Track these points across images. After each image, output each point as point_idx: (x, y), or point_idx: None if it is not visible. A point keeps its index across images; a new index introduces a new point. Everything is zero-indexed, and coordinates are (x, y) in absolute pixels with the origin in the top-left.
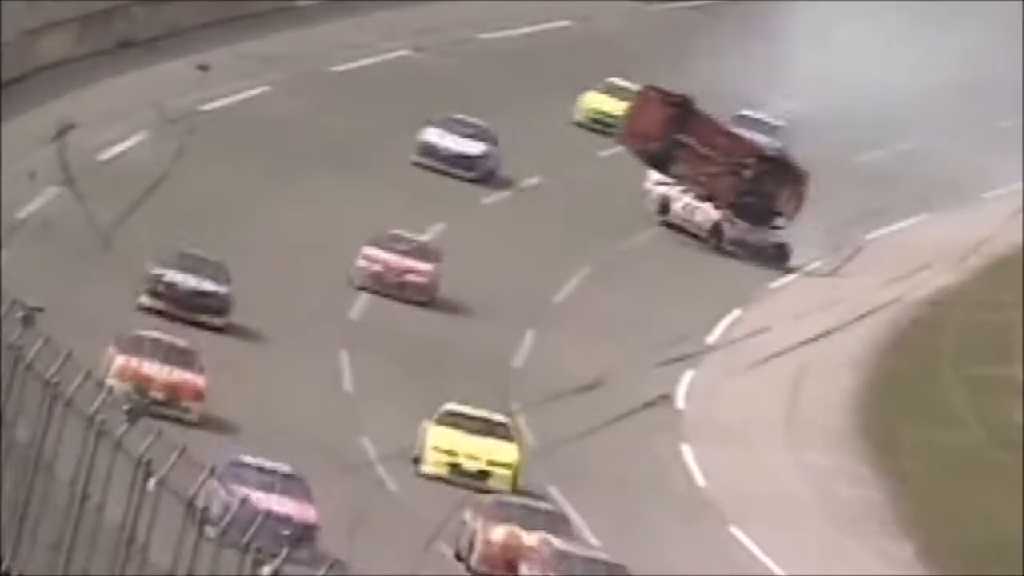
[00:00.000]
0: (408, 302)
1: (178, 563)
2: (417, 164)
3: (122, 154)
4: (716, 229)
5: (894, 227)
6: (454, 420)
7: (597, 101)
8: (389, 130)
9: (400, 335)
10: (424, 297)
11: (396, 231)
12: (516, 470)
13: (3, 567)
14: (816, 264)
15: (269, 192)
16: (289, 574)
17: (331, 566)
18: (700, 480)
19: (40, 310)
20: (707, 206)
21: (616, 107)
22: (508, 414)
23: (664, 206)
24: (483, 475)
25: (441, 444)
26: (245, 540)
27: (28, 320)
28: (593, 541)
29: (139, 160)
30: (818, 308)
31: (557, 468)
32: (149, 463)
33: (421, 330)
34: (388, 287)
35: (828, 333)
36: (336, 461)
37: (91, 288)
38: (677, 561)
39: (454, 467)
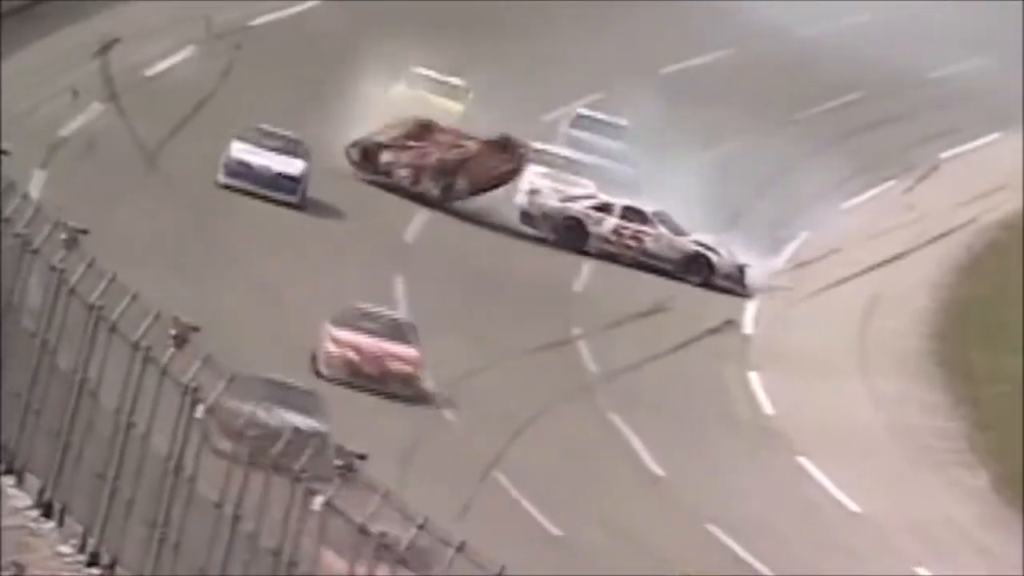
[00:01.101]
0: (388, 397)
1: (226, 494)
2: (227, 187)
3: (168, 70)
4: (698, 260)
5: (969, 146)
6: None
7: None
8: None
9: (457, 259)
10: (410, 391)
11: (363, 306)
12: None
13: (45, 496)
14: (890, 183)
15: (318, 112)
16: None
17: (384, 495)
18: (768, 408)
19: (84, 232)
20: (664, 231)
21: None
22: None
23: (578, 226)
24: None
25: None
26: (298, 468)
27: (71, 243)
28: (656, 470)
29: (186, 76)
30: (891, 229)
31: (619, 396)
32: (196, 390)
33: (478, 253)
34: (366, 379)
35: (901, 256)
36: None
37: (136, 209)
38: (743, 493)
39: None
